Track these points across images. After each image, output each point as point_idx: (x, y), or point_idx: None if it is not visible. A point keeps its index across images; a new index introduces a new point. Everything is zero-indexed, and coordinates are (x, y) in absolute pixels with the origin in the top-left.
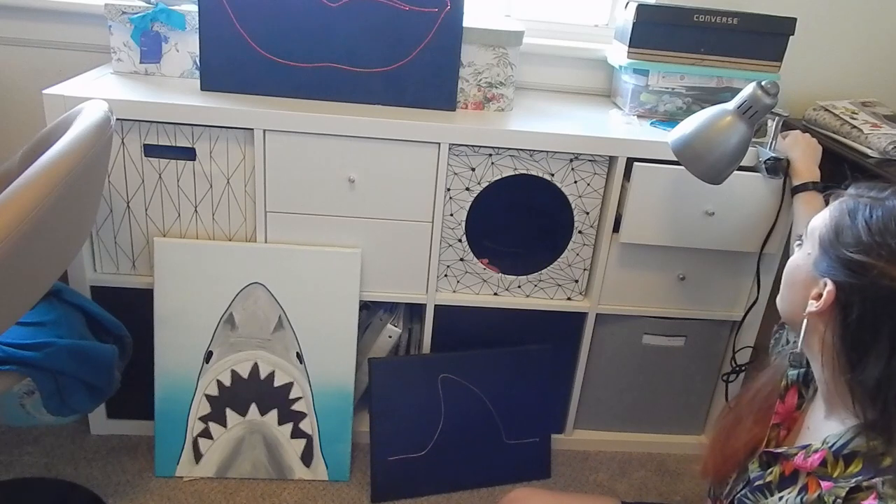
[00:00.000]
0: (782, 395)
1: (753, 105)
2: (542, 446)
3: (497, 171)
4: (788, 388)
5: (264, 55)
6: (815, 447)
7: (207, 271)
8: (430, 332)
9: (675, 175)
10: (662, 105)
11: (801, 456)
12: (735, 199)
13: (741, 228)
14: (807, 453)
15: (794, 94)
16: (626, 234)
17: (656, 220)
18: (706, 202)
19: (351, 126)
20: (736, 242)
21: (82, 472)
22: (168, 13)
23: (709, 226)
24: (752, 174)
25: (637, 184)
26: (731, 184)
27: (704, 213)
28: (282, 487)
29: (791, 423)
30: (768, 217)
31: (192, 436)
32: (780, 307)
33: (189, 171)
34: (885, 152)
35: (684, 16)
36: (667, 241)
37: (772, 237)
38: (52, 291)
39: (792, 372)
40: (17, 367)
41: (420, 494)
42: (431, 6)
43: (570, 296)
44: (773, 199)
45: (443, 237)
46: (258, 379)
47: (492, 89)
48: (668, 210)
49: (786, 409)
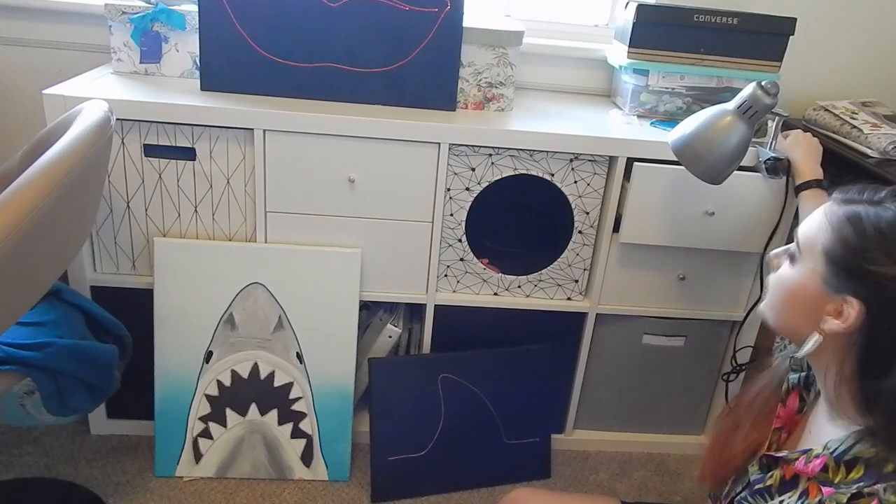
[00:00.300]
0: (783, 398)
1: (753, 105)
2: (542, 446)
3: (497, 171)
4: (790, 391)
5: (264, 55)
6: (816, 452)
7: (207, 271)
8: (430, 332)
9: (675, 175)
10: (662, 105)
11: (802, 461)
12: (736, 199)
13: (742, 229)
14: (808, 458)
15: (794, 94)
16: (626, 234)
17: (656, 221)
18: (706, 202)
19: (351, 126)
20: (737, 242)
21: (82, 472)
22: (168, 13)
23: (709, 226)
24: (752, 174)
25: (637, 184)
26: (732, 183)
27: (705, 213)
28: (282, 487)
29: (792, 426)
30: (769, 217)
31: (192, 436)
32: (776, 322)
33: (189, 171)
34: (885, 152)
35: (684, 16)
36: (667, 241)
37: (775, 237)
38: (52, 291)
39: (793, 376)
40: (17, 367)
41: (420, 494)
42: (431, 6)
43: (570, 296)
44: (773, 198)
45: (443, 237)
46: (258, 379)
47: (492, 89)
48: (669, 210)
49: (787, 412)
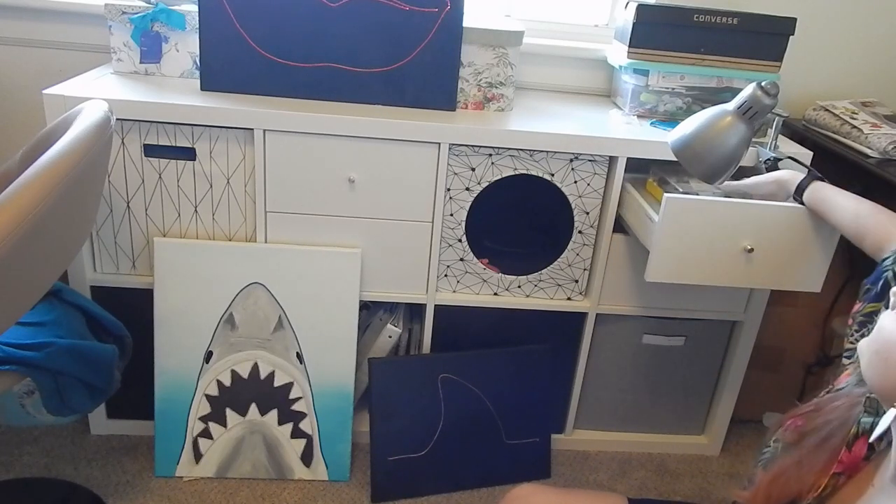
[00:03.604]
0: (850, 443)
1: (753, 105)
2: (542, 446)
3: (497, 171)
4: (858, 436)
5: (264, 55)
6: None
7: (207, 271)
8: (430, 332)
9: (709, 208)
10: (662, 105)
11: None
12: (776, 234)
13: (783, 264)
14: None
15: (794, 94)
16: (653, 273)
17: (690, 257)
18: (744, 237)
19: (351, 126)
20: (777, 281)
21: (82, 472)
22: (168, 13)
23: (748, 262)
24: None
25: (668, 218)
26: (775, 217)
27: (743, 249)
28: (282, 487)
29: (853, 471)
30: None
31: (192, 436)
32: (877, 383)
33: (189, 171)
34: (885, 152)
35: (684, 16)
36: (702, 279)
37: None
38: (52, 291)
39: (866, 419)
40: (17, 367)
41: (420, 494)
42: (431, 6)
43: (570, 296)
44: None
45: (443, 237)
46: (258, 379)
47: (492, 89)
48: (703, 246)
49: (851, 458)
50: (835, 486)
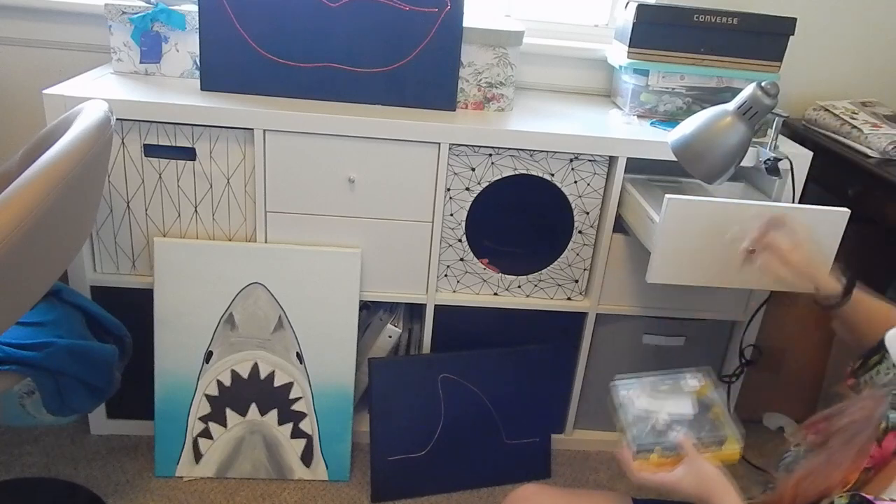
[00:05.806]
0: (880, 438)
1: (753, 105)
2: (542, 446)
3: (497, 171)
4: (888, 431)
5: (264, 55)
6: None
7: (207, 271)
8: (430, 332)
9: (712, 209)
10: (662, 105)
11: None
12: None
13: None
14: None
15: (794, 94)
16: (655, 275)
17: (692, 258)
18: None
19: (351, 126)
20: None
21: (82, 472)
22: (168, 13)
23: (749, 263)
24: None
25: (670, 219)
26: None
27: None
28: (282, 487)
29: (882, 465)
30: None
31: (192, 436)
32: None
33: (189, 171)
34: (885, 152)
35: (684, 16)
36: (705, 281)
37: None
38: (52, 291)
39: (894, 415)
40: (17, 367)
41: (420, 494)
42: (431, 6)
43: (570, 296)
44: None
45: (443, 237)
46: (258, 379)
47: (492, 89)
48: (706, 247)
49: (881, 453)
50: (864, 481)
